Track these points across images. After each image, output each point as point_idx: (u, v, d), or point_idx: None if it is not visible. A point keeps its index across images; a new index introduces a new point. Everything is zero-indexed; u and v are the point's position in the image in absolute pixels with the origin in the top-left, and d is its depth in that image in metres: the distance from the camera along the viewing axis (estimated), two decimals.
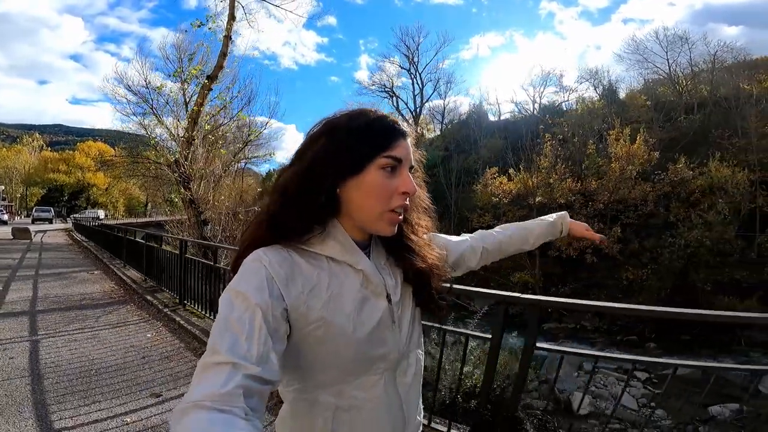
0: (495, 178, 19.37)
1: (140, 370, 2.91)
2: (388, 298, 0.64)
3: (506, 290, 2.10)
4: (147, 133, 10.37)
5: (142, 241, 6.94)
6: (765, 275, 13.17)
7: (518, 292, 2.09)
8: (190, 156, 6.62)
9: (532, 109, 34.43)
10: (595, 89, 33.99)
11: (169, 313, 4.34)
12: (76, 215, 32.21)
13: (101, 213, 32.08)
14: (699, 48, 28.20)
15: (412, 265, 0.68)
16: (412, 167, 0.63)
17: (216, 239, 6.68)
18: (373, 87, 37.80)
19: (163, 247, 5.92)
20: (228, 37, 6.85)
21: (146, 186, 27.18)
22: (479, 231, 0.94)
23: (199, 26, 6.86)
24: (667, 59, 31.62)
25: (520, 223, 0.98)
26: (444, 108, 39.52)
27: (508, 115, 37.09)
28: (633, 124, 23.45)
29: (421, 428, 0.74)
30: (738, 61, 26.58)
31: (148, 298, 5.11)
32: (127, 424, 2.19)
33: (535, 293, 13.06)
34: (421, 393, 0.73)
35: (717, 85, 25.35)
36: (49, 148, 63.70)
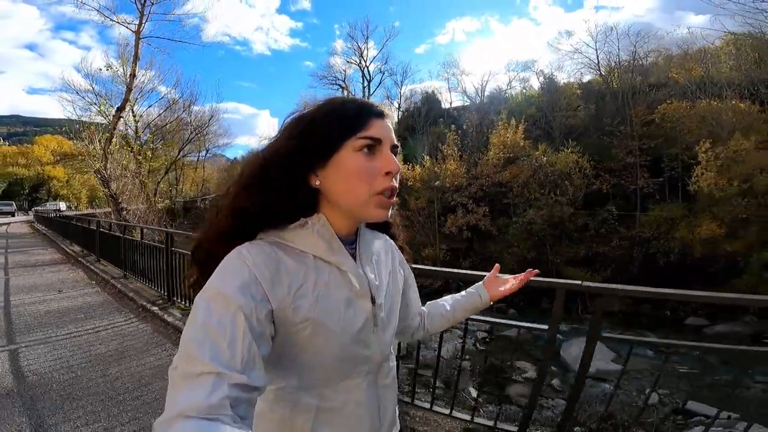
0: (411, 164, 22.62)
1: (59, 284, 6.15)
2: (372, 299, 0.64)
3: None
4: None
5: (80, 224, 10.06)
6: (609, 249, 16.76)
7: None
8: (108, 165, 9.73)
9: (478, 97, 37.57)
10: (537, 78, 37.15)
11: (88, 265, 7.56)
12: (38, 208, 34.28)
13: (62, 205, 34.12)
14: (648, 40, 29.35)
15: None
16: (396, 146, 0.62)
17: (129, 221, 9.86)
18: (324, 80, 39.69)
19: (93, 227, 9.07)
20: (133, 75, 9.89)
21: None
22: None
23: (108, 68, 9.86)
24: (596, 50, 35.08)
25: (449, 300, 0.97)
26: (400, 97, 42.08)
27: (459, 103, 40.23)
28: (562, 112, 27.09)
29: (398, 426, 0.76)
30: (685, 51, 28.75)
31: (80, 260, 8.30)
32: (60, 293, 5.43)
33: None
34: (397, 392, 0.75)
35: (644, 75, 28.46)
36: (7, 142, 63.88)
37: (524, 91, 35.04)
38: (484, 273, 1.12)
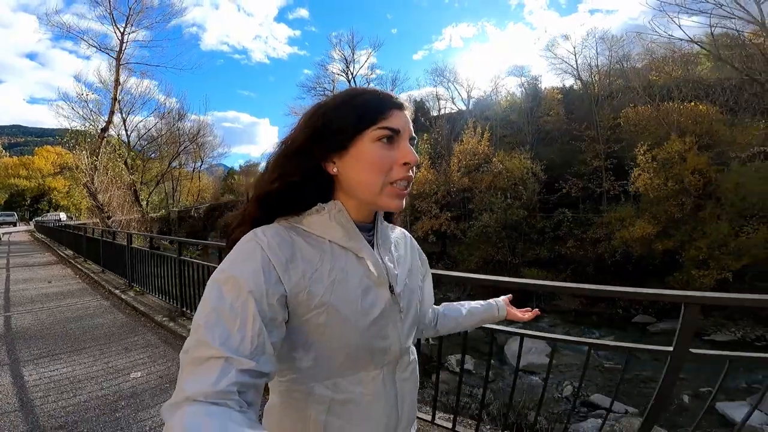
0: None
1: (50, 278, 7.64)
2: (391, 288, 0.64)
3: None
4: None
5: (71, 231, 11.61)
6: (567, 250, 18.01)
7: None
8: (95, 179, 11.30)
9: (465, 104, 38.99)
10: (521, 85, 38.37)
11: (76, 264, 9.07)
12: (38, 218, 36.06)
13: (63, 215, 35.91)
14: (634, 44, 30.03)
15: None
16: (413, 138, 0.63)
17: (114, 226, 11.39)
18: (312, 91, 40.77)
19: (80, 233, 10.60)
20: (115, 98, 11.49)
21: None
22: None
23: (89, 95, 11.51)
24: (575, 55, 36.37)
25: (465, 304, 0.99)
26: None
27: (447, 110, 41.56)
28: (544, 117, 28.35)
29: (415, 425, 0.74)
30: (670, 54, 29.34)
31: (70, 261, 9.82)
32: (49, 283, 6.93)
33: None
34: (418, 389, 0.73)
35: (624, 79, 29.59)
36: (8, 153, 66.09)
37: (507, 98, 36.30)
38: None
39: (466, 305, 0.97)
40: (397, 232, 0.77)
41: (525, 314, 1.03)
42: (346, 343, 0.58)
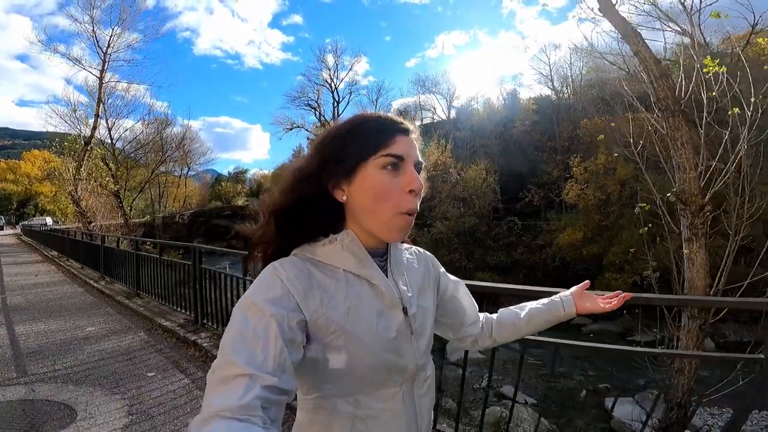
0: None
1: (36, 272, 9.10)
2: (404, 310, 0.67)
3: None
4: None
5: (56, 234, 13.05)
6: (519, 256, 19.65)
7: None
8: (79, 188, 12.77)
9: (446, 113, 40.58)
10: (501, 93, 39.87)
11: (59, 262, 10.53)
12: (25, 222, 37.13)
13: (49, 220, 36.99)
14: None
15: None
16: (420, 164, 0.65)
17: (95, 230, 12.87)
18: (296, 100, 41.49)
19: (70, 237, 12.05)
20: (97, 115, 13.01)
21: None
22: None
23: (74, 111, 13.02)
24: (549, 66, 37.97)
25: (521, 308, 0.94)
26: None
27: (428, 120, 43.04)
28: (517, 126, 29.85)
29: None
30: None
31: (54, 260, 11.28)
32: (36, 276, 8.40)
33: None
34: (434, 401, 0.77)
35: (598, 89, 31.43)
36: None
37: (485, 108, 37.78)
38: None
39: (525, 307, 0.92)
40: (412, 252, 0.79)
41: (608, 303, 0.93)
42: (364, 363, 0.62)
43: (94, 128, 12.79)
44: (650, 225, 5.71)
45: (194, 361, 3.48)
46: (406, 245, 0.78)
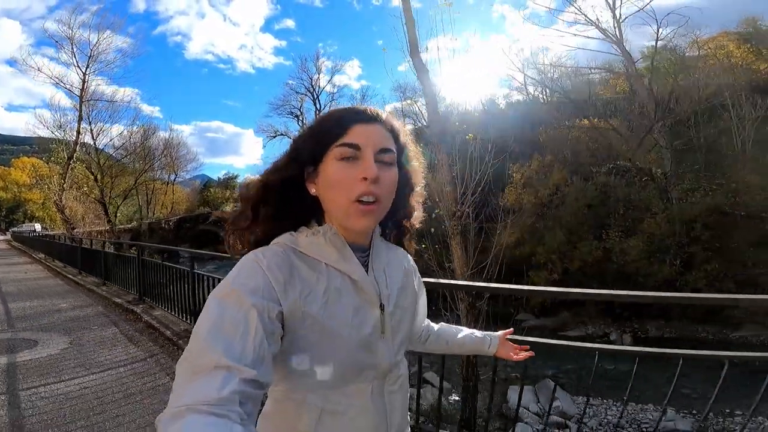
0: None
1: (26, 270, 10.84)
2: (382, 307, 0.68)
3: None
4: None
5: (44, 239, 14.77)
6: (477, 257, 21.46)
7: None
8: (63, 197, 14.51)
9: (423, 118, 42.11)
10: (481, 101, 41.37)
11: (46, 263, 12.27)
12: (15, 228, 38.64)
13: (38, 226, 38.44)
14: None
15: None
16: (385, 150, 0.64)
17: (78, 235, 14.62)
18: (280, 108, 42.72)
19: (56, 241, 13.78)
20: (78, 132, 14.75)
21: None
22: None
23: (60, 127, 14.77)
24: (523, 72, 39.20)
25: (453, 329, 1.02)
26: None
27: (410, 126, 44.36)
28: (490, 132, 31.55)
29: None
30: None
31: (42, 261, 13.02)
32: (26, 273, 10.14)
33: None
34: (408, 401, 0.77)
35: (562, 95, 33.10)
36: None
37: (464, 114, 39.13)
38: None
39: (463, 332, 1.01)
40: (397, 253, 0.79)
41: (518, 355, 1.05)
42: (337, 358, 0.62)
43: (76, 143, 14.56)
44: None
45: (129, 322, 5.25)
46: (394, 246, 0.80)
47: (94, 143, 20.53)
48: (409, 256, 0.84)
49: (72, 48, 17.15)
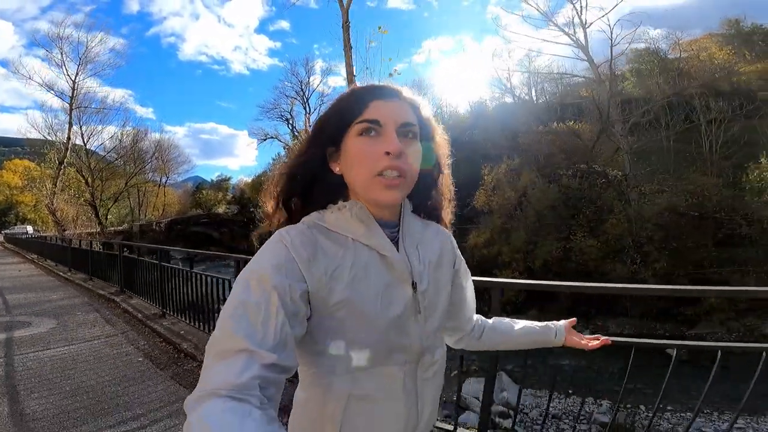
0: None
1: (19, 269, 11.66)
2: (414, 285, 0.66)
3: None
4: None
5: (37, 240, 15.57)
6: None
7: None
8: (54, 200, 15.30)
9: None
10: (469, 103, 41.59)
11: (38, 262, 13.10)
12: (7, 231, 39.23)
13: (30, 228, 38.97)
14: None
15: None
16: (407, 125, 0.64)
17: (69, 236, 15.43)
18: (270, 112, 43.18)
19: (48, 242, 14.59)
20: (69, 138, 15.55)
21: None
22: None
23: (51, 129, 15.56)
24: (509, 73, 39.67)
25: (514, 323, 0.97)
26: None
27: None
28: (476, 133, 32.52)
29: (432, 429, 0.75)
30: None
31: (34, 261, 13.84)
32: (19, 271, 10.97)
33: None
34: (440, 395, 0.74)
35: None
36: None
37: (452, 116, 39.68)
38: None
39: (521, 323, 0.95)
40: (432, 229, 0.77)
41: (590, 342, 0.97)
42: (365, 338, 0.60)
43: (67, 149, 15.33)
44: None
45: (110, 308, 6.13)
46: (426, 221, 0.77)
47: (85, 146, 21.29)
48: (446, 231, 0.81)
49: (62, 56, 17.96)
